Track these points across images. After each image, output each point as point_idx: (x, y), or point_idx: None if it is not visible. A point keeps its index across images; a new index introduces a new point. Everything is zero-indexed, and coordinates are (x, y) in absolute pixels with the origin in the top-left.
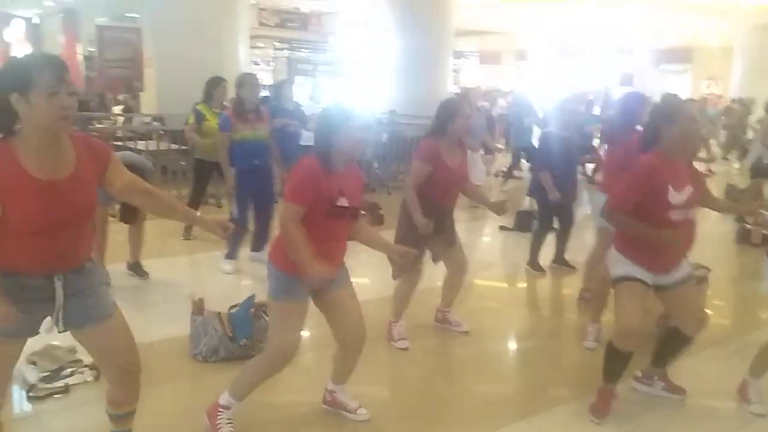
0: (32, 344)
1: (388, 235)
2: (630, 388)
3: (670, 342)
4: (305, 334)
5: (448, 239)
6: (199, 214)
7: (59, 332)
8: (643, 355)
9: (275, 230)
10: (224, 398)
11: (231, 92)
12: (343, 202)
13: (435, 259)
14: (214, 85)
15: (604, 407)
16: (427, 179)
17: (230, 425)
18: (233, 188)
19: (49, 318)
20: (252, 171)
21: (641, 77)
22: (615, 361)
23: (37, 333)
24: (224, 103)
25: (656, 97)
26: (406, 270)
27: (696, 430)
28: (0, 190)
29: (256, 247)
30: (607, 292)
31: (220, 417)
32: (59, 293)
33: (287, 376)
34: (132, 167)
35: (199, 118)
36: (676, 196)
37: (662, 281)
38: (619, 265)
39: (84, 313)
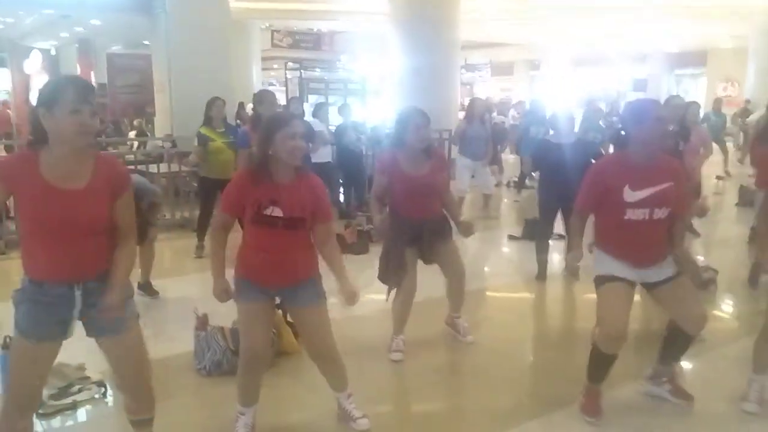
0: None
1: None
2: (637, 391)
3: (672, 341)
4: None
5: (429, 249)
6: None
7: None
8: (649, 356)
9: None
10: (237, 406)
11: (230, 108)
12: (274, 211)
13: (426, 262)
14: (210, 105)
15: (594, 406)
16: (388, 190)
17: (246, 428)
18: None
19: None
20: None
21: (655, 82)
22: (599, 363)
23: (63, 339)
24: (238, 121)
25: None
26: (394, 288)
27: None
28: (13, 181)
29: None
30: None
31: (238, 422)
32: (78, 302)
33: (301, 382)
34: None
35: (203, 140)
36: (632, 195)
37: (649, 278)
38: (601, 262)
39: (102, 324)
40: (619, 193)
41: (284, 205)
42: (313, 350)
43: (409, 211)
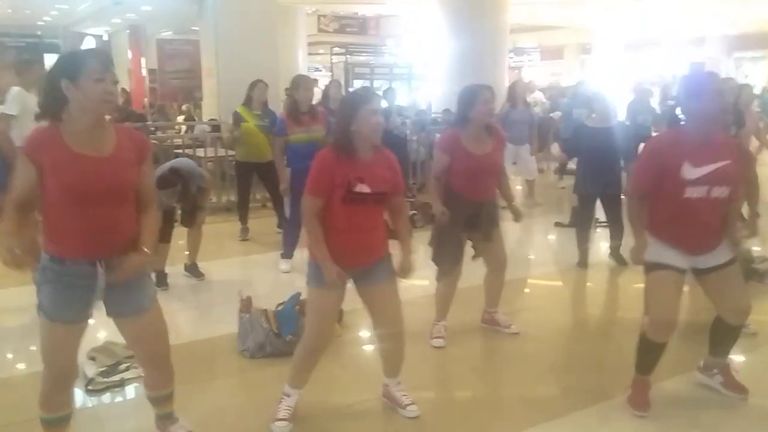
0: (92, 341)
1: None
2: (686, 383)
3: (719, 331)
4: (363, 331)
5: (486, 233)
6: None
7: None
8: (702, 345)
9: None
10: (286, 387)
11: (273, 91)
12: (363, 188)
13: (475, 257)
14: (252, 87)
15: (643, 399)
16: (449, 170)
17: (288, 410)
18: (286, 190)
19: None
20: (306, 172)
21: (713, 66)
22: (648, 353)
23: (89, 318)
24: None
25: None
26: (447, 273)
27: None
28: (42, 157)
29: None
30: None
31: (282, 402)
32: (101, 279)
33: (344, 367)
34: (179, 173)
35: (238, 119)
36: (691, 171)
37: (699, 264)
38: (651, 248)
39: (125, 304)
40: (677, 170)
41: (370, 181)
42: (386, 328)
43: (470, 192)
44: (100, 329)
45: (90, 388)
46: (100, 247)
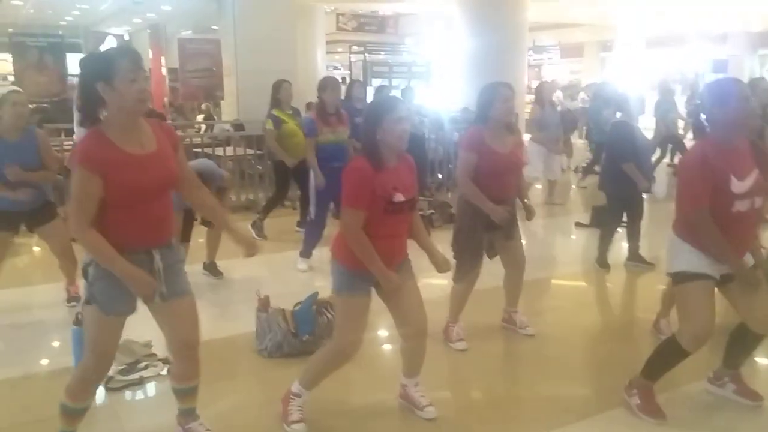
0: None
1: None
2: (700, 390)
3: (739, 340)
4: (380, 331)
5: (506, 232)
6: (235, 225)
7: (162, 300)
8: (716, 352)
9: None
10: (295, 386)
11: (298, 93)
12: (399, 197)
13: (491, 255)
14: (277, 88)
15: (655, 407)
16: (475, 169)
17: (300, 411)
18: (314, 188)
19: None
20: (332, 173)
21: (737, 63)
22: (671, 360)
23: (134, 311)
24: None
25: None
26: (467, 273)
27: None
28: (103, 165)
29: None
30: None
31: (291, 403)
32: (159, 265)
33: (358, 369)
34: (202, 174)
35: (277, 123)
36: (739, 185)
37: (726, 270)
38: (684, 255)
39: (171, 287)
40: (726, 184)
41: (403, 189)
42: (412, 327)
43: (492, 191)
44: None
45: (109, 386)
46: (155, 235)
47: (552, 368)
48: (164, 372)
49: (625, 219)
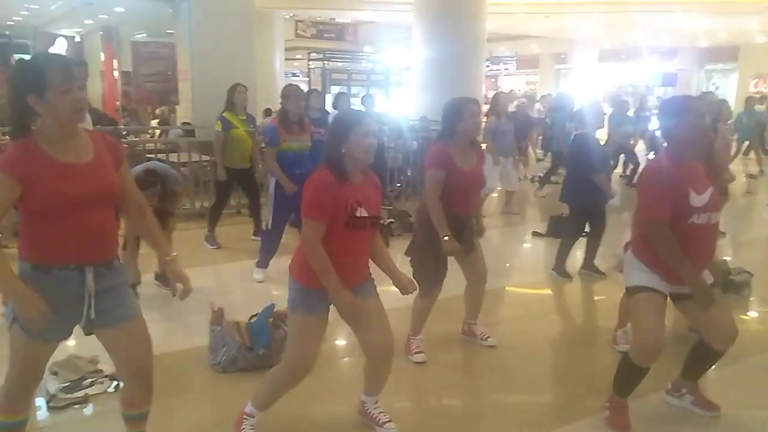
0: (55, 355)
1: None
2: (662, 401)
3: (698, 356)
4: (339, 342)
5: (466, 247)
6: (172, 255)
7: (85, 334)
8: (675, 364)
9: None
10: (248, 407)
11: (255, 100)
12: (362, 212)
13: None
14: (232, 91)
15: (623, 421)
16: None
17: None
18: (273, 197)
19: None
20: (293, 180)
21: (685, 77)
22: (631, 376)
23: (68, 337)
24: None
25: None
26: (431, 289)
27: None
28: (30, 175)
29: None
30: None
31: (244, 423)
32: (90, 284)
33: (316, 383)
34: (154, 173)
35: (227, 125)
36: (697, 198)
37: (681, 289)
38: (635, 272)
39: (112, 312)
40: (686, 197)
41: (367, 205)
42: (378, 350)
43: (458, 208)
44: (64, 342)
45: (52, 404)
46: (90, 250)
47: (516, 379)
48: (111, 389)
49: (587, 229)
